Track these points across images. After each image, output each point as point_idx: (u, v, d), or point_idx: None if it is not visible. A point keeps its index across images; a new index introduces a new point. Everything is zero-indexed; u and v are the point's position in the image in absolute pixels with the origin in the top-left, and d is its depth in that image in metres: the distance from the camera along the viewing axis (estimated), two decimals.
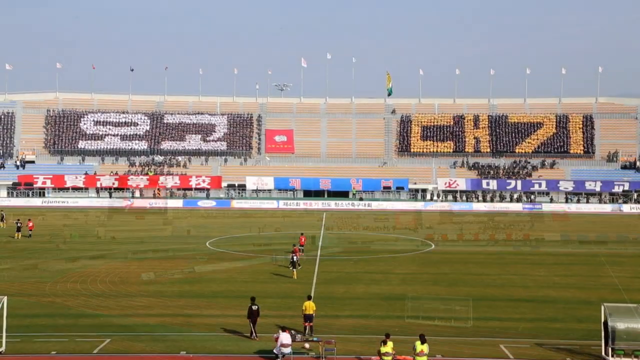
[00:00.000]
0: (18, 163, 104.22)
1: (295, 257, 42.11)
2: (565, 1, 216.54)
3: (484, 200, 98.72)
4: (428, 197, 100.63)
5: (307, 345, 26.72)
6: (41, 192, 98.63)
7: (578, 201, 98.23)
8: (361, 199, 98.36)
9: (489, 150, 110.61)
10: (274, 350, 25.71)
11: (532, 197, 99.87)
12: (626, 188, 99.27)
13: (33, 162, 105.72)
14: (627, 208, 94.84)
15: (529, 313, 33.80)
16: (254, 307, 28.92)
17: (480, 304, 35.58)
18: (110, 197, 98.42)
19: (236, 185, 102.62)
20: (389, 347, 23.91)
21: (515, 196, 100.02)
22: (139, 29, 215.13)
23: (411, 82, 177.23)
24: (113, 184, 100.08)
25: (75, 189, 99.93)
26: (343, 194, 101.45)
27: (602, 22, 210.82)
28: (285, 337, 25.43)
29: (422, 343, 23.89)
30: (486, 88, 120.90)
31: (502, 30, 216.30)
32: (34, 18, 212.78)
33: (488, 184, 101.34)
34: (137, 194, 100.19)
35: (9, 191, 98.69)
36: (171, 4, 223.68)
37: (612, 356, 25.82)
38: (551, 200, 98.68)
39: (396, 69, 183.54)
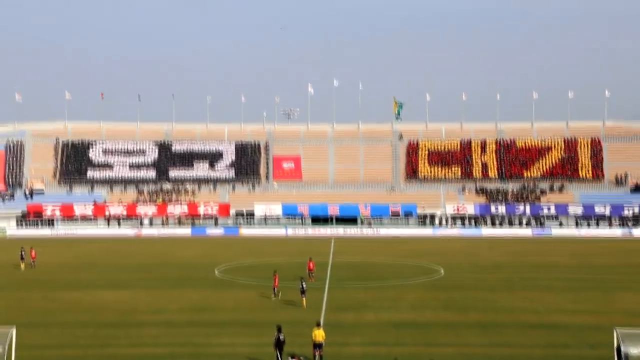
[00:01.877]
0: (27, 193, 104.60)
1: (304, 285, 41.97)
2: (571, 25, 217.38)
3: (493, 225, 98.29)
4: (437, 222, 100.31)
5: None
6: (50, 222, 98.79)
7: (588, 225, 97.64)
8: (370, 225, 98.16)
9: (496, 174, 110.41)
10: None
11: (542, 221, 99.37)
12: (636, 211, 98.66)
13: (42, 191, 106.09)
14: (637, 232, 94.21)
15: (540, 339, 33.54)
16: (281, 337, 28.82)
17: (490, 330, 35.39)
18: (119, 226, 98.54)
19: (244, 212, 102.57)
20: None
21: (524, 221, 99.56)
22: (146, 57, 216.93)
23: (418, 107, 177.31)
24: (122, 212, 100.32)
25: (84, 218, 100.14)
26: (351, 220, 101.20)
27: (609, 45, 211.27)
28: None
29: None
30: (493, 113, 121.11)
31: (508, 55, 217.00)
32: (42, 49, 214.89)
33: (497, 208, 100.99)
34: (146, 222, 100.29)
35: (18, 221, 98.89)
36: (179, 32, 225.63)
37: None
38: (560, 225, 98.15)
39: (403, 94, 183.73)
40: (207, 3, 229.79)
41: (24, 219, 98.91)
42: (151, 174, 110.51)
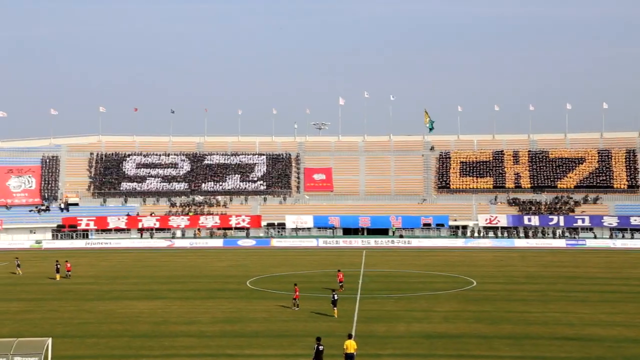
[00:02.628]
0: (62, 205, 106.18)
1: (335, 296, 41.95)
2: (604, 36, 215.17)
3: (526, 237, 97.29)
4: (469, 233, 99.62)
5: None
6: (85, 234, 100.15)
7: (623, 237, 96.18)
8: (401, 236, 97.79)
9: (529, 185, 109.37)
10: None
11: (576, 233, 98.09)
12: None
13: (77, 204, 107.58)
14: None
15: (575, 352, 33.11)
16: (320, 348, 28.85)
17: (523, 342, 35.03)
18: (152, 237, 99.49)
19: (276, 224, 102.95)
20: None
21: (558, 232, 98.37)
22: (179, 71, 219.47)
23: (450, 118, 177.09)
24: (154, 224, 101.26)
25: (118, 230, 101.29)
26: (383, 232, 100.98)
27: None
28: None
29: None
30: (525, 124, 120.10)
31: (540, 65, 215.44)
32: (77, 64, 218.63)
33: (530, 219, 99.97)
34: (178, 234, 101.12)
35: (53, 233, 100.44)
36: (210, 46, 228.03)
37: None
38: (595, 237, 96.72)
39: (434, 105, 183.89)
40: (239, 17, 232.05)
41: (59, 231, 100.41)
42: (183, 186, 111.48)
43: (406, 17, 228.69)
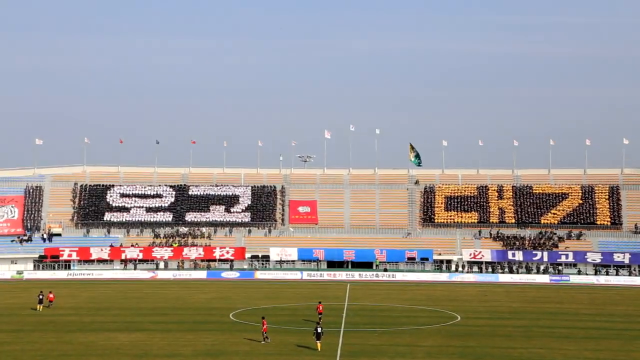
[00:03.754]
0: (45, 236, 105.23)
1: (319, 329, 41.71)
2: (588, 72, 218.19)
3: (510, 272, 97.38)
4: (453, 268, 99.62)
5: None
6: (67, 265, 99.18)
7: (607, 273, 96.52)
8: (385, 270, 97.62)
9: (513, 220, 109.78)
10: None
11: (560, 268, 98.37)
12: None
13: (60, 234, 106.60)
14: None
15: None
16: None
17: None
18: (135, 268, 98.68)
19: (260, 256, 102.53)
20: None
21: (542, 268, 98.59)
22: (164, 103, 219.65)
23: (435, 153, 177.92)
24: (138, 255, 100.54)
25: (101, 261, 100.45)
26: (367, 265, 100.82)
27: (628, 93, 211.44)
28: None
29: None
30: (510, 159, 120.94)
31: (525, 101, 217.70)
32: (62, 94, 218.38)
33: (514, 254, 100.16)
34: (162, 265, 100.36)
35: (35, 264, 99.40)
36: (196, 78, 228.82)
37: None
38: (579, 272, 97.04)
39: (419, 140, 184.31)
40: (225, 50, 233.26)
41: (41, 262, 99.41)
42: (168, 217, 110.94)
43: (392, 53, 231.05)
